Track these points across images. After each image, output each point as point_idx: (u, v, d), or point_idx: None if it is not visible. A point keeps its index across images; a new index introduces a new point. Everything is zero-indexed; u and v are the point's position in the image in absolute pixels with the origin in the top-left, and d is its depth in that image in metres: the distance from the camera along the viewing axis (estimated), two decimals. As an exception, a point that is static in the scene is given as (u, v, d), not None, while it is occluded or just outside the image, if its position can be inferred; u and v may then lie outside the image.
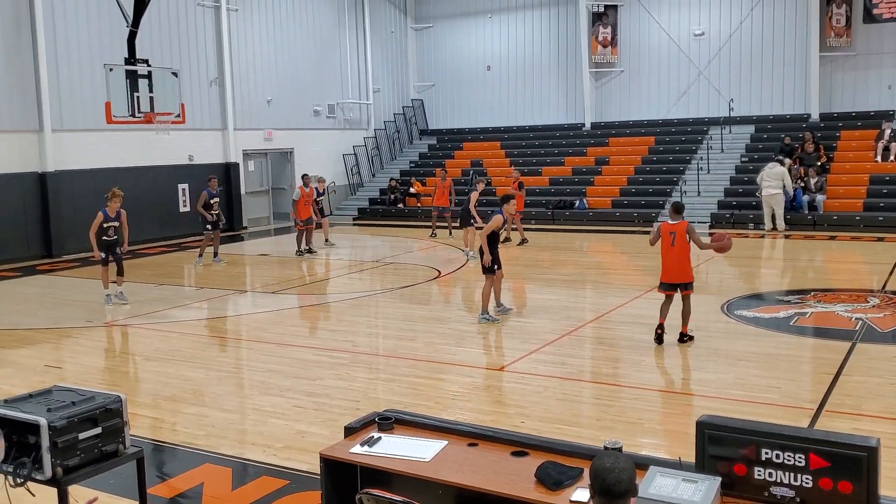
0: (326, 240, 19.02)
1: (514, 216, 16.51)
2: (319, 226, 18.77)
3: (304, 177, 18.43)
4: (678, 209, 9.40)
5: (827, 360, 8.64)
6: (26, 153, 18.09)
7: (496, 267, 10.55)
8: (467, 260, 16.19)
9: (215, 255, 16.69)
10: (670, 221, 9.32)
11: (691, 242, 9.17)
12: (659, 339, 9.31)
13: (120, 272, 12.72)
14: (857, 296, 11.88)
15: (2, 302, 13.44)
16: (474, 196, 16.75)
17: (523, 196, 18.78)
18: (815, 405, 7.12)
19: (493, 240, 10.55)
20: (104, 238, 12.45)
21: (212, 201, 16.29)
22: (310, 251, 17.74)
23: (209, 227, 16.35)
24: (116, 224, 12.50)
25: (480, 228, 16.63)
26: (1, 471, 4.03)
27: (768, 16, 24.19)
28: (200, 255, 16.59)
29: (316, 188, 18.57)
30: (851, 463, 2.94)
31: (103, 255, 12.44)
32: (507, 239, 18.43)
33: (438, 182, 20.03)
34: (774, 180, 19.37)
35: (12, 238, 17.73)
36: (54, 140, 18.40)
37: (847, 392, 7.49)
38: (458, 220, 16.94)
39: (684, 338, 9.41)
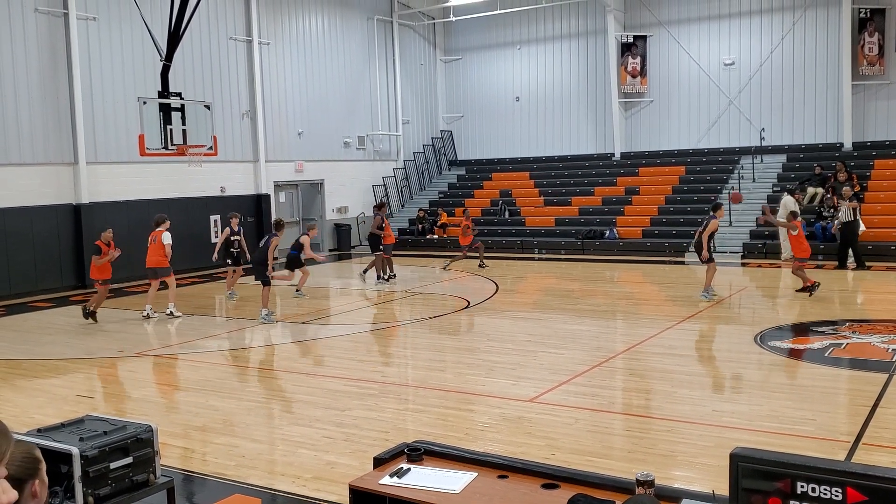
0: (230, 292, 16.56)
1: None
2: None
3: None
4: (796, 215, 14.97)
5: (863, 391, 8.47)
6: (61, 185, 18.43)
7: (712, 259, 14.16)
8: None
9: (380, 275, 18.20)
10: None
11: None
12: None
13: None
14: (893, 327, 11.67)
15: (35, 332, 13.61)
16: (275, 241, 14.41)
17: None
18: (851, 438, 6.97)
19: (709, 238, 14.21)
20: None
21: (384, 223, 18.05)
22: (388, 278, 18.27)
23: (381, 247, 18.10)
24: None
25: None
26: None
27: (799, 44, 24.08)
28: (379, 277, 18.16)
29: (230, 226, 16.32)
30: (892, 498, 2.86)
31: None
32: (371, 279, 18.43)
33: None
34: (781, 209, 18.69)
35: (46, 269, 18.02)
36: (89, 172, 18.73)
37: (885, 425, 7.33)
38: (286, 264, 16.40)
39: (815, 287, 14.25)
